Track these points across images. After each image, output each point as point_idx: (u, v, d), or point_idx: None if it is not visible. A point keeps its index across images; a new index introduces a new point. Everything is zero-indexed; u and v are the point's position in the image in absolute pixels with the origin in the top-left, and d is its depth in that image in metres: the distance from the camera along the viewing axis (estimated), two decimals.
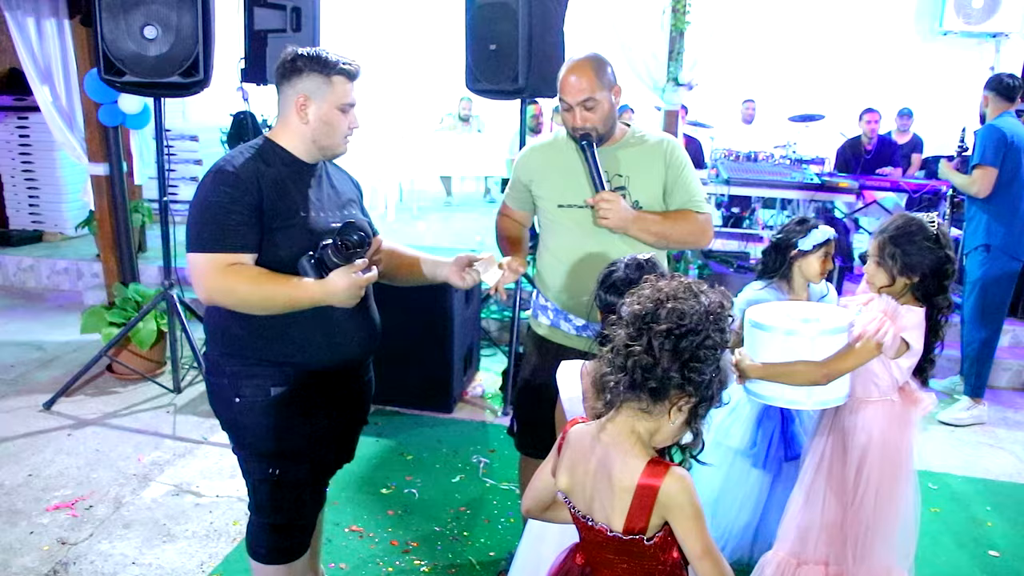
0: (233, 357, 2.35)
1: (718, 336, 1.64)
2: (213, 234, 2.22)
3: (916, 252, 2.52)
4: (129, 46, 4.00)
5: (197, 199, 2.28)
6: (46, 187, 7.86)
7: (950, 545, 3.49)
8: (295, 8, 4.62)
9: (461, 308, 4.67)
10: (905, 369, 2.57)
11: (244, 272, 2.23)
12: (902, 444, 2.61)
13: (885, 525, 2.61)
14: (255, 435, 2.38)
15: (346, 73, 2.34)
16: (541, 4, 4.61)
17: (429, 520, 3.56)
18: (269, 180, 2.28)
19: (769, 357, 2.49)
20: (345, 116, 2.38)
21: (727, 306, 1.68)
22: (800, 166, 7.21)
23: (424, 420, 4.59)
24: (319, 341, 2.35)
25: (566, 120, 2.77)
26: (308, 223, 2.32)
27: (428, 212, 10.20)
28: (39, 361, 5.40)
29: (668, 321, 1.61)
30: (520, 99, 4.99)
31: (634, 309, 1.66)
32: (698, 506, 1.67)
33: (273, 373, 2.33)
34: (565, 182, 2.84)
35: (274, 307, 2.25)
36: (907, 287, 2.55)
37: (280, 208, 2.28)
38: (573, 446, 1.80)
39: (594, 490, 1.74)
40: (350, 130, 2.42)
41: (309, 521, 2.57)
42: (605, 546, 1.75)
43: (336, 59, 2.33)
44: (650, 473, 1.65)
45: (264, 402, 2.34)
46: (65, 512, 3.56)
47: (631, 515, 1.67)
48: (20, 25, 5.22)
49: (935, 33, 8.50)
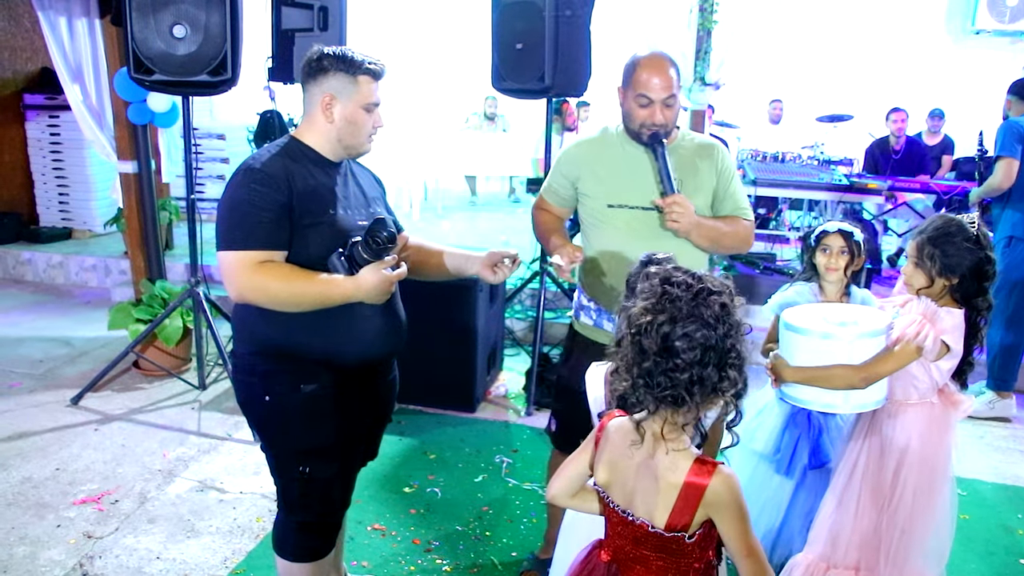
0: (262, 355, 2.36)
1: (734, 335, 1.64)
2: (244, 232, 2.23)
3: (955, 253, 2.47)
4: (158, 45, 4.03)
5: (227, 198, 2.29)
6: (76, 185, 7.95)
7: (980, 552, 3.44)
8: (322, 7, 4.63)
9: (485, 307, 4.66)
10: (945, 371, 2.53)
11: (275, 270, 2.24)
12: (941, 447, 2.58)
13: (920, 530, 2.57)
14: (285, 433, 2.39)
15: (371, 73, 2.35)
16: (568, 3, 4.59)
17: (451, 519, 3.56)
18: (298, 178, 2.29)
19: (805, 360, 2.46)
20: (370, 115, 2.39)
21: (729, 302, 1.66)
22: (828, 167, 7.14)
23: (447, 419, 4.59)
24: (347, 338, 2.36)
25: (640, 116, 2.68)
26: (337, 221, 2.33)
27: (453, 211, 10.22)
28: (67, 357, 5.46)
29: (685, 360, 1.61)
30: (546, 98, 4.98)
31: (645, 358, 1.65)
32: (744, 505, 1.68)
33: (303, 370, 2.34)
34: (617, 181, 2.77)
35: (305, 304, 2.26)
36: (946, 288, 2.51)
37: (310, 206, 2.29)
38: (612, 440, 1.80)
39: (636, 485, 1.74)
40: (375, 129, 2.42)
41: (337, 519, 2.59)
42: (643, 542, 1.74)
43: (362, 59, 2.34)
44: (697, 471, 1.66)
45: (295, 399, 2.34)
46: (91, 506, 3.59)
47: (675, 512, 1.68)
48: (52, 24, 5.28)
49: (967, 32, 8.40)
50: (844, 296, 2.96)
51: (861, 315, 2.54)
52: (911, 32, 9.16)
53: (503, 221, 9.51)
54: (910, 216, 7.29)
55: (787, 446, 3.07)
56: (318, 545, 2.54)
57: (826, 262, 2.90)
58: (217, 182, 8.88)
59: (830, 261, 2.89)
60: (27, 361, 5.34)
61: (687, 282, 1.66)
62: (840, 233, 2.87)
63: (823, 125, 8.61)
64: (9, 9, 7.67)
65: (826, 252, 2.90)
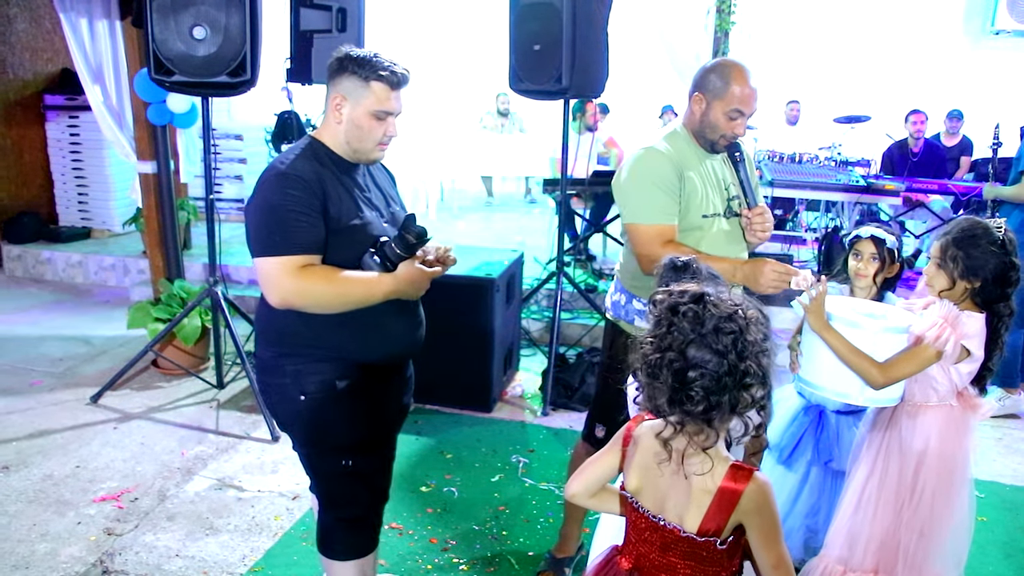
0: (294, 356, 2.37)
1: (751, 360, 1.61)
2: (283, 237, 2.22)
3: (979, 255, 2.46)
4: (178, 46, 4.06)
5: (261, 203, 2.28)
6: (95, 185, 8.01)
7: (997, 555, 3.42)
8: (340, 9, 4.65)
9: (502, 308, 4.67)
10: (965, 375, 2.52)
11: (318, 272, 2.25)
12: (959, 450, 2.57)
13: (939, 533, 2.56)
14: (325, 429, 2.41)
15: (386, 80, 2.31)
16: (585, 4, 4.59)
17: (468, 518, 3.57)
18: (328, 181, 2.30)
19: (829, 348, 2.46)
20: (380, 123, 2.35)
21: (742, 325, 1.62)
22: (845, 168, 7.11)
23: (464, 419, 4.60)
24: (375, 336, 2.38)
25: (727, 128, 2.67)
26: (367, 222, 2.35)
27: (469, 212, 10.24)
28: (86, 355, 5.50)
29: (700, 385, 1.60)
30: (563, 99, 4.98)
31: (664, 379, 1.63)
32: (777, 515, 1.67)
33: (336, 367, 2.36)
34: (708, 191, 2.74)
35: (350, 304, 2.28)
36: (967, 292, 2.50)
37: (340, 209, 2.29)
38: (642, 445, 1.79)
39: (669, 490, 1.72)
40: (387, 138, 2.38)
41: (379, 513, 2.64)
42: (671, 548, 1.73)
43: (379, 64, 2.30)
44: (732, 477, 1.65)
45: (332, 395, 2.37)
46: (111, 504, 3.62)
47: (708, 516, 1.66)
48: (74, 26, 5.33)
49: (986, 32, 8.35)
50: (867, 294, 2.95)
51: (890, 312, 2.55)
52: (929, 32, 9.10)
53: (519, 221, 9.52)
54: (928, 217, 7.25)
55: (791, 437, 3.07)
56: (365, 540, 2.60)
57: (856, 267, 2.87)
58: (235, 182, 8.93)
59: (860, 267, 2.86)
60: (47, 359, 5.38)
61: (693, 310, 1.63)
62: (872, 239, 2.85)
63: (840, 126, 8.57)
64: (31, 11, 7.74)
65: (857, 257, 2.87)
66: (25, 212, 7.79)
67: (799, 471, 3.06)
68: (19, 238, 7.63)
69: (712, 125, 2.69)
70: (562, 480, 3.90)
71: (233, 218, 8.66)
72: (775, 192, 6.79)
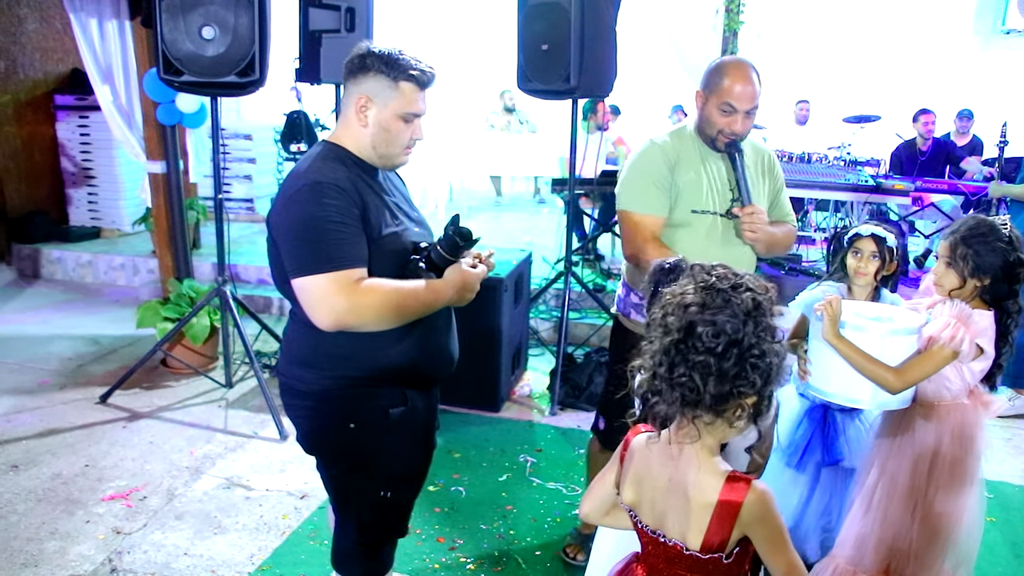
0: (341, 379, 2.20)
1: (763, 336, 1.57)
2: (331, 252, 2.03)
3: (988, 253, 2.46)
4: (188, 46, 4.07)
5: (297, 218, 2.07)
6: (105, 184, 8.04)
7: (1007, 556, 3.40)
8: (349, 8, 4.66)
9: (510, 308, 4.67)
10: (977, 373, 2.51)
11: (373, 287, 2.07)
12: (971, 448, 2.56)
13: (950, 532, 2.55)
14: (372, 459, 2.28)
15: (416, 80, 2.16)
16: (594, 4, 4.59)
17: (476, 518, 3.57)
18: (361, 188, 2.15)
19: (836, 354, 2.45)
20: (408, 126, 2.20)
21: (765, 303, 1.60)
22: (854, 167, 7.08)
23: (471, 419, 4.60)
24: (418, 348, 2.25)
25: (720, 123, 2.70)
26: (404, 228, 2.23)
27: (478, 212, 10.24)
28: (95, 354, 5.52)
29: (705, 345, 1.55)
30: (572, 99, 4.98)
31: (665, 340, 1.59)
32: (781, 521, 1.62)
33: (388, 393, 2.23)
34: (702, 186, 2.78)
35: (411, 316, 2.14)
36: (976, 290, 2.49)
37: (377, 216, 2.15)
38: (637, 458, 1.76)
39: (666, 506, 1.68)
40: (412, 141, 2.24)
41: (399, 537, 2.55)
42: (677, 562, 1.69)
43: (408, 63, 2.15)
44: (730, 489, 1.59)
45: (384, 425, 2.23)
46: (120, 502, 3.63)
47: (710, 532, 1.61)
48: (83, 26, 5.34)
49: (997, 32, 8.31)
50: (873, 301, 2.93)
51: (896, 313, 2.53)
52: (939, 32, 9.06)
53: (528, 221, 9.51)
54: (937, 217, 7.21)
55: (800, 440, 3.05)
56: (383, 564, 2.51)
57: (856, 265, 2.84)
58: (244, 182, 8.95)
59: (860, 265, 2.83)
60: (57, 359, 5.41)
61: (727, 275, 1.61)
62: (872, 237, 2.82)
63: (850, 126, 8.55)
64: (41, 11, 7.77)
65: (857, 255, 2.84)
66: (35, 212, 7.82)
67: (809, 473, 3.05)
68: (29, 238, 7.66)
69: (708, 120, 2.73)
70: (570, 480, 3.90)
71: (242, 218, 8.69)
72: None
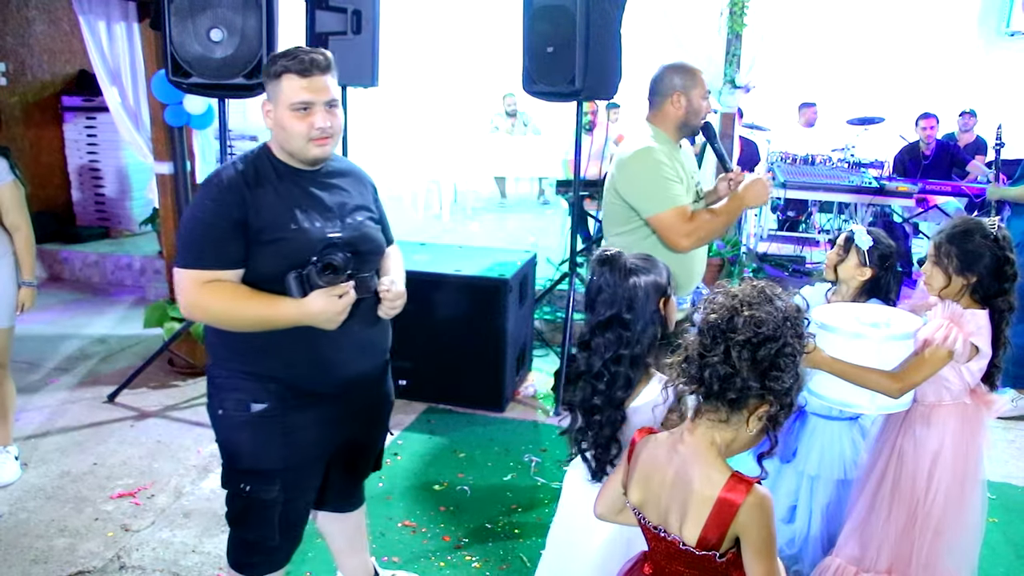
0: (220, 368, 2.32)
1: (796, 342, 1.61)
2: (194, 250, 2.18)
3: (972, 250, 2.48)
4: (196, 48, 4.10)
5: (186, 212, 2.24)
6: (112, 185, 8.08)
7: (1009, 556, 3.42)
8: (355, 11, 4.69)
9: (515, 308, 4.69)
10: (976, 372, 2.53)
11: (219, 290, 2.16)
12: (973, 448, 2.58)
13: (952, 532, 2.57)
14: (230, 449, 2.35)
15: (291, 69, 2.16)
16: (599, 6, 4.61)
17: (481, 517, 3.60)
18: (259, 191, 2.19)
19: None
20: (302, 117, 2.18)
21: (803, 310, 1.65)
22: (858, 169, 7.10)
23: (476, 419, 4.63)
24: (304, 359, 2.26)
25: (704, 108, 3.22)
26: (299, 236, 2.20)
27: (482, 212, 10.27)
28: (103, 354, 5.56)
29: (746, 330, 1.57)
30: (577, 101, 5.00)
31: (710, 318, 1.62)
32: (773, 529, 1.64)
33: (256, 388, 2.26)
34: (689, 182, 3.23)
35: (246, 326, 2.20)
36: (965, 288, 2.51)
37: (269, 221, 2.18)
38: (644, 458, 1.78)
39: (670, 501, 1.70)
40: (317, 131, 2.19)
41: (280, 542, 2.43)
42: (676, 558, 1.72)
43: (282, 55, 2.18)
44: (732, 488, 1.62)
45: (243, 418, 2.27)
46: (128, 500, 3.66)
47: (707, 528, 1.63)
48: (92, 28, 5.39)
49: (1001, 34, 8.30)
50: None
51: (893, 317, 2.55)
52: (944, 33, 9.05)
53: (532, 222, 9.54)
54: (941, 219, 7.21)
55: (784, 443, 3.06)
56: (257, 562, 2.45)
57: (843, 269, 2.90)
58: None
59: (852, 271, 2.88)
60: (64, 358, 5.44)
61: (774, 285, 1.66)
62: (847, 239, 2.86)
63: (854, 128, 8.55)
64: (49, 12, 7.82)
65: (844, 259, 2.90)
66: (43, 212, 7.84)
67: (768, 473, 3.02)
68: (37, 237, 7.60)
69: (695, 111, 3.20)
70: None
71: None
72: (788, 193, 6.79)
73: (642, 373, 2.09)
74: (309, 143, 2.20)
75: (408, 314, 2.82)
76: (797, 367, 1.61)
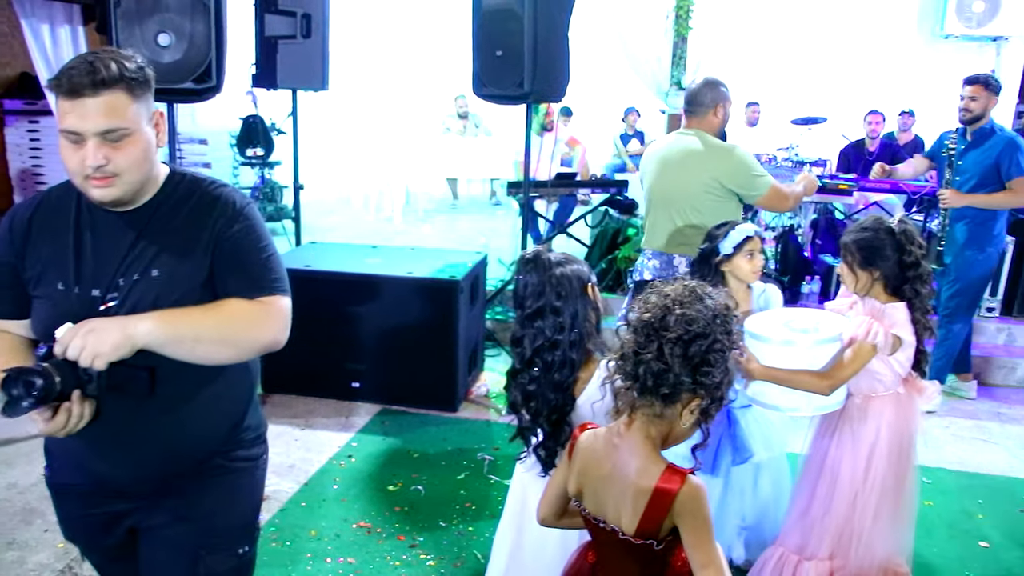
0: None
1: (725, 338, 1.68)
2: None
3: (872, 245, 2.62)
4: (143, 53, 4.07)
5: None
6: None
7: (943, 536, 3.57)
8: (305, 15, 4.70)
9: (466, 309, 4.73)
10: (904, 361, 2.64)
11: None
12: (907, 434, 2.71)
13: (890, 515, 2.69)
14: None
15: (58, 89, 1.66)
16: (547, 11, 4.66)
17: (435, 516, 3.63)
18: (46, 233, 1.79)
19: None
20: (74, 149, 1.66)
21: (732, 308, 1.72)
22: (802, 168, 7.24)
23: (430, 419, 4.65)
24: (58, 452, 1.92)
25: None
26: (62, 300, 1.75)
27: (434, 214, 10.27)
28: None
29: (677, 328, 1.63)
30: (526, 104, 5.06)
31: (643, 317, 1.68)
32: (709, 517, 1.70)
33: (52, 464, 1.97)
34: None
35: None
36: (873, 281, 2.64)
37: (42, 272, 1.78)
38: (584, 452, 1.83)
39: (608, 493, 1.76)
40: (90, 168, 1.65)
41: None
42: (615, 546, 1.78)
43: (63, 69, 1.68)
44: (667, 479, 1.68)
45: (46, 477, 1.99)
46: None
47: (644, 518, 1.69)
48: (35, 31, 5.31)
49: (936, 36, 8.53)
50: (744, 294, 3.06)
51: (822, 321, 2.65)
52: (883, 36, 9.26)
53: (484, 223, 9.56)
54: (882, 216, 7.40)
55: (711, 443, 3.13)
56: None
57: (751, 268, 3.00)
58: None
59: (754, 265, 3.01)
60: None
61: (704, 285, 1.73)
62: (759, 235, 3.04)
63: (798, 127, 8.73)
64: None
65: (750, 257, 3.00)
66: None
67: (722, 475, 3.09)
68: None
69: (727, 119, 3.93)
70: None
71: None
72: None
73: (583, 356, 2.15)
74: (86, 181, 1.68)
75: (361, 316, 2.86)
76: (727, 362, 1.68)
